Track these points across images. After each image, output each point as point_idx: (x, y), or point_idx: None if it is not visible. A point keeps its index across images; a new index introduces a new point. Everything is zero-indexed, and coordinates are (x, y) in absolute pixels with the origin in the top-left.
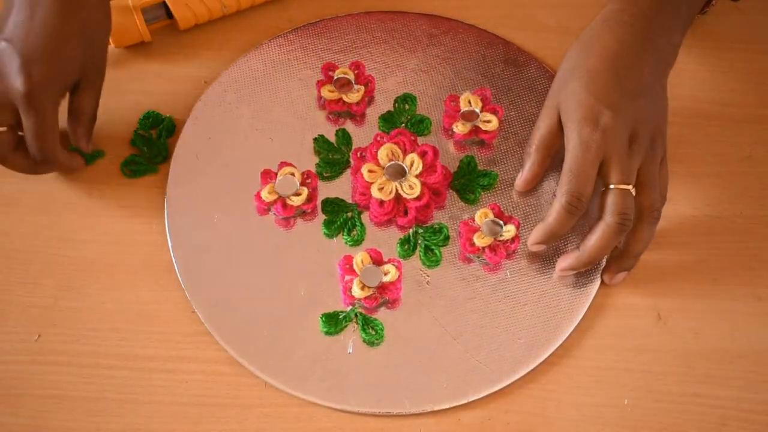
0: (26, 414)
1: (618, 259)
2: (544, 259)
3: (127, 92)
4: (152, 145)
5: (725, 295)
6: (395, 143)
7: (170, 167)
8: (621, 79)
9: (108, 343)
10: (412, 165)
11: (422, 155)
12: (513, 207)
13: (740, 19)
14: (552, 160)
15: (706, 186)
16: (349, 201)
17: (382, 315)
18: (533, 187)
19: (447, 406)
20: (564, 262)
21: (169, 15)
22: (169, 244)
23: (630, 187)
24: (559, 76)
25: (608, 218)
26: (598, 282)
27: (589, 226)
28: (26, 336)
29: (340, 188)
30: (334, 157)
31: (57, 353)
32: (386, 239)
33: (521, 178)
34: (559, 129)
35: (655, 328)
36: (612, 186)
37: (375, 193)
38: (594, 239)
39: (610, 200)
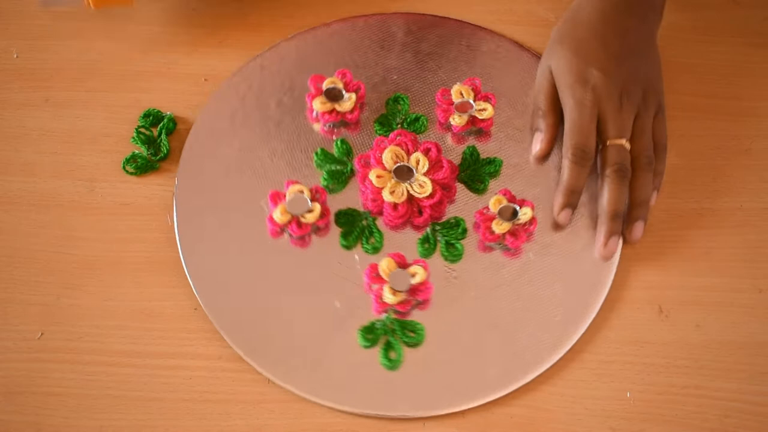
0: (29, 412)
1: (629, 209)
2: (562, 235)
3: (126, 90)
4: (153, 142)
5: (726, 288)
6: (397, 145)
7: (178, 173)
8: (607, 44)
9: (111, 340)
10: (418, 164)
11: (426, 152)
12: (523, 189)
13: (738, 13)
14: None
15: (706, 179)
16: (361, 209)
17: (415, 317)
18: (550, 151)
19: (495, 397)
20: (599, 233)
21: None
22: (179, 246)
23: (624, 141)
24: (550, 46)
25: (607, 171)
26: (619, 249)
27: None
28: (29, 334)
29: (349, 198)
30: (337, 168)
31: (60, 351)
32: (405, 241)
33: (539, 143)
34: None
35: (657, 321)
36: (608, 142)
37: (387, 197)
38: (603, 195)
39: (607, 155)
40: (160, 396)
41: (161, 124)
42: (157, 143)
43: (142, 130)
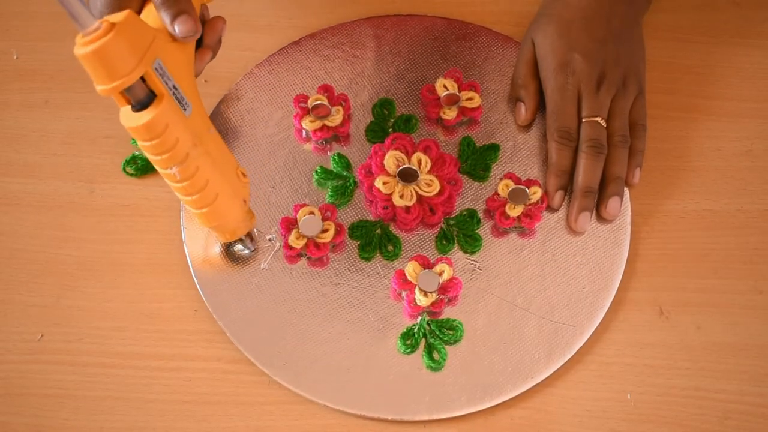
0: (29, 413)
1: (604, 185)
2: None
3: None
4: None
5: (727, 289)
6: (396, 149)
7: None
8: (592, 29)
9: (111, 341)
10: (420, 163)
11: (426, 151)
12: (525, 170)
13: (738, 14)
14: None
15: (706, 181)
16: (371, 219)
17: (448, 315)
18: (534, 118)
19: (546, 375)
20: (572, 207)
21: None
22: (186, 249)
23: (598, 119)
24: (536, 19)
25: (582, 146)
26: (626, 251)
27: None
28: (29, 336)
29: (356, 210)
30: (339, 182)
31: (60, 352)
32: (422, 242)
33: (522, 112)
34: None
35: (658, 322)
36: (583, 119)
37: (397, 201)
38: (579, 168)
39: (582, 131)
40: (160, 398)
41: None
42: None
43: None
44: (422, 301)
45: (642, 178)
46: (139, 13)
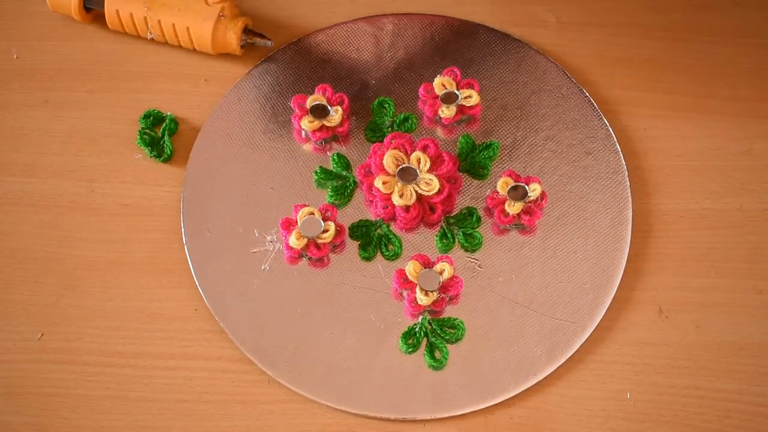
0: (29, 412)
1: None
2: (571, 203)
3: (126, 90)
4: (156, 144)
5: (726, 289)
6: (395, 148)
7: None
8: None
9: (111, 341)
10: (419, 162)
11: (425, 149)
12: (524, 167)
13: (737, 13)
14: None
15: (705, 180)
16: (371, 219)
17: (449, 313)
18: None
19: (548, 373)
20: None
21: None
22: (186, 249)
23: None
24: None
25: None
26: (630, 209)
27: None
28: (29, 335)
29: (357, 210)
30: (339, 182)
31: (60, 351)
32: (422, 241)
33: None
34: None
35: (657, 321)
36: None
37: (397, 201)
38: None
39: None
40: (160, 397)
41: (164, 125)
42: (161, 145)
43: (147, 131)
44: (423, 300)
45: (642, 178)
46: None
